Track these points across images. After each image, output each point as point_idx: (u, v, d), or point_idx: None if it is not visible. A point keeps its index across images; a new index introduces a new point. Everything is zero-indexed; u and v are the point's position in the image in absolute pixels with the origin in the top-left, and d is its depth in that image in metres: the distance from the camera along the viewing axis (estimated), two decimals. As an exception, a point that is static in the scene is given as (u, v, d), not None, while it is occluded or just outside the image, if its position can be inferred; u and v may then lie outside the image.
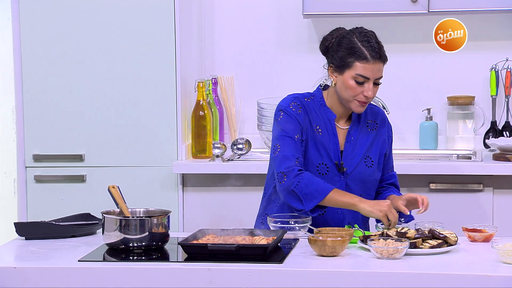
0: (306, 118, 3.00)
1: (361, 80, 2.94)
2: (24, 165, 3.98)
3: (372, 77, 2.94)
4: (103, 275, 2.50)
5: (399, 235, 2.67)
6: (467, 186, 3.78)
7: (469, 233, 2.79)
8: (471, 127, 4.23)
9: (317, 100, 3.04)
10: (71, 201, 3.92)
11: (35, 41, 3.93)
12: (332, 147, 3.00)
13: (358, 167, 3.01)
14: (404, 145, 4.28)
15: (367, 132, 3.07)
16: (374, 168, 3.04)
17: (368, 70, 2.93)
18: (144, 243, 2.66)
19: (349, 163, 3.01)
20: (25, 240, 2.88)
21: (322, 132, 3.00)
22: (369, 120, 3.10)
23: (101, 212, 2.73)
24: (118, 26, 3.90)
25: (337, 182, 2.98)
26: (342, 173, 3.00)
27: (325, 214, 2.96)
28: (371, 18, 4.22)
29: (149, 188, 3.87)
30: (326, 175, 2.98)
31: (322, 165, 2.98)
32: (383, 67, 2.98)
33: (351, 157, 3.02)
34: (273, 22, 4.36)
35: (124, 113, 3.91)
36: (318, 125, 3.01)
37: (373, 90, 2.95)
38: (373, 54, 2.93)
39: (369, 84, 2.94)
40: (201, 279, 2.46)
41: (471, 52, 4.22)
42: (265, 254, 2.55)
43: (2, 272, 2.52)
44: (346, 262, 2.54)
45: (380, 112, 3.15)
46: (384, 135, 3.12)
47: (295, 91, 4.26)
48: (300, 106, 3.01)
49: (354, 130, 3.05)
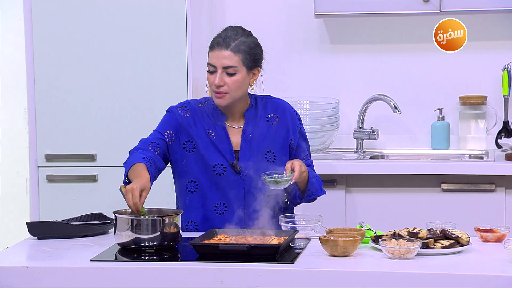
0: (198, 122, 3.04)
1: (211, 69, 2.99)
2: (36, 165, 3.99)
3: (218, 64, 2.97)
4: (115, 275, 2.51)
5: (411, 235, 2.66)
6: (479, 186, 3.77)
7: (481, 233, 2.79)
8: (483, 127, 4.21)
9: (210, 104, 3.08)
10: (83, 200, 3.93)
11: (47, 42, 3.94)
12: (226, 148, 3.02)
13: (258, 164, 3.01)
14: (416, 145, 4.28)
15: (266, 127, 3.08)
16: (276, 163, 3.04)
17: (213, 57, 2.98)
18: (156, 243, 2.66)
19: (246, 162, 3.02)
20: (37, 239, 2.89)
21: (215, 135, 3.03)
22: (269, 115, 3.10)
23: (113, 212, 2.74)
24: (129, 26, 3.91)
25: (235, 182, 3.00)
26: (238, 172, 3.01)
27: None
28: (382, 18, 4.22)
29: (161, 188, 3.88)
30: (223, 175, 3.00)
31: (219, 165, 3.01)
32: (234, 57, 2.97)
33: (249, 155, 3.03)
34: (284, 22, 4.36)
35: (136, 113, 3.92)
36: (211, 128, 3.04)
37: (225, 80, 2.96)
38: (218, 41, 2.99)
39: (217, 73, 2.96)
40: (213, 279, 2.46)
41: (483, 52, 4.21)
42: (277, 254, 2.55)
43: (15, 272, 2.53)
44: (357, 262, 2.54)
45: (280, 104, 3.15)
46: (287, 125, 3.10)
47: (306, 91, 4.31)
48: (189, 110, 3.06)
49: (249, 127, 3.06)
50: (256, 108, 3.10)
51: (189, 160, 3.03)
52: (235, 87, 2.97)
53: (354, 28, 4.30)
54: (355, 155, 4.18)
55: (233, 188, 3.00)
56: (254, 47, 3.02)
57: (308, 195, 3.06)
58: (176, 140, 3.04)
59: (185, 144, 3.04)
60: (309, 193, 3.05)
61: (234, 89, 2.98)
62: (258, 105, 3.11)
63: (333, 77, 4.34)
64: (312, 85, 4.35)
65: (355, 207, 3.85)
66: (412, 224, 2.93)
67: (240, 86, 2.99)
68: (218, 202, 3.01)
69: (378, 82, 4.31)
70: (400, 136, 4.31)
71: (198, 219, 3.03)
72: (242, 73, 2.98)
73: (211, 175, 3.01)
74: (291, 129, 3.10)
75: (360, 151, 4.24)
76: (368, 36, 4.31)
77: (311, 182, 3.05)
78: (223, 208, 3.01)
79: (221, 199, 3.01)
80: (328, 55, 4.35)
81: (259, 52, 3.05)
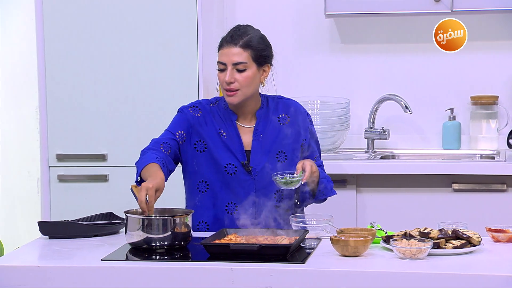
0: (209, 122, 3.04)
1: (221, 67, 2.99)
2: (48, 165, 4.00)
3: (228, 61, 2.97)
4: (125, 274, 2.51)
5: (422, 235, 2.66)
6: (490, 186, 3.76)
7: (492, 233, 2.78)
8: (494, 127, 4.20)
9: (221, 104, 3.08)
10: (94, 200, 3.94)
11: (58, 42, 3.95)
12: (237, 148, 3.02)
13: (269, 163, 3.01)
14: (427, 145, 4.27)
15: (278, 127, 3.08)
16: (288, 163, 3.04)
17: (223, 55, 2.98)
18: (167, 242, 2.66)
19: (257, 161, 3.02)
20: (48, 239, 2.90)
21: (226, 135, 3.03)
22: (280, 115, 3.10)
23: (124, 212, 2.74)
24: (140, 26, 3.92)
25: (246, 181, 3.00)
26: (249, 172, 3.00)
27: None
28: (393, 18, 4.22)
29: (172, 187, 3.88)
30: (234, 175, 3.00)
31: (230, 165, 3.01)
32: (243, 53, 2.97)
33: (260, 155, 3.03)
34: (294, 22, 4.36)
35: (146, 113, 3.93)
36: (222, 128, 3.04)
37: (236, 76, 2.97)
38: (227, 39, 3.00)
39: (228, 70, 2.97)
40: (223, 279, 2.46)
41: (495, 52, 4.19)
42: (287, 254, 2.55)
43: (26, 271, 2.54)
44: (368, 262, 2.53)
45: (292, 104, 3.14)
46: (298, 126, 3.10)
47: (317, 91, 4.31)
48: (200, 110, 3.07)
49: (261, 127, 3.06)
50: (267, 108, 3.10)
51: (200, 160, 3.04)
52: (246, 84, 2.98)
53: (365, 27, 4.30)
54: (365, 155, 4.18)
55: (244, 188, 3.00)
56: (263, 43, 3.03)
57: (318, 195, 3.06)
58: (187, 140, 3.04)
59: (196, 144, 3.04)
60: (319, 193, 3.05)
61: (245, 86, 2.98)
62: (269, 105, 3.11)
63: (344, 77, 4.34)
64: (322, 85, 4.34)
65: (366, 207, 3.85)
66: (423, 224, 2.92)
67: (251, 83, 2.99)
68: (229, 202, 3.02)
69: (389, 82, 4.30)
70: (411, 136, 4.30)
71: (209, 219, 3.04)
72: (252, 69, 2.99)
73: (222, 175, 3.01)
74: (302, 129, 3.10)
75: (371, 151, 4.23)
76: (378, 36, 4.31)
77: (322, 182, 3.04)
78: (234, 208, 3.01)
79: (232, 199, 3.02)
80: (338, 55, 4.35)
81: (268, 49, 3.06)
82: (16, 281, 2.52)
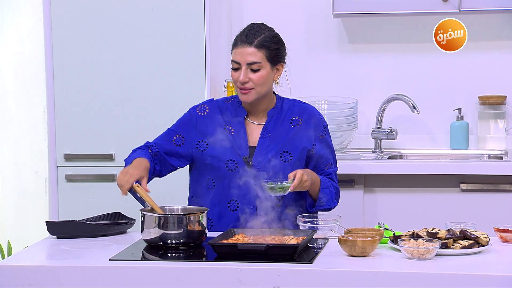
0: (215, 119, 3.07)
1: (235, 66, 3.01)
2: (56, 165, 4.01)
3: (242, 61, 2.99)
4: (133, 274, 2.52)
5: (430, 236, 2.65)
6: (498, 186, 3.76)
7: (501, 233, 2.77)
8: (502, 127, 4.19)
9: (235, 101, 3.12)
10: (101, 200, 3.94)
11: (66, 42, 3.96)
12: (241, 143, 3.04)
13: (272, 161, 3.02)
14: (435, 145, 4.26)
15: (289, 128, 3.09)
16: (292, 164, 3.04)
17: (237, 54, 3.01)
18: (182, 240, 2.69)
19: (261, 158, 3.02)
20: (56, 239, 2.90)
21: (234, 130, 3.06)
22: (294, 117, 3.11)
23: (140, 210, 2.77)
24: (148, 26, 3.92)
25: (247, 178, 3.00)
26: (250, 167, 3.01)
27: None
28: (401, 18, 4.21)
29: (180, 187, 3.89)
30: (235, 171, 3.01)
31: (230, 161, 3.03)
32: (258, 53, 3.00)
33: (265, 152, 3.03)
34: (302, 22, 4.36)
35: (154, 112, 3.93)
36: (231, 125, 3.07)
37: (250, 76, 2.99)
38: (241, 38, 3.02)
39: (242, 69, 2.98)
40: (231, 279, 2.46)
41: (503, 52, 4.19)
42: (295, 254, 2.55)
43: (34, 271, 2.54)
44: (376, 263, 2.53)
45: (308, 109, 3.15)
46: (309, 131, 3.10)
47: (324, 91, 4.31)
48: (208, 108, 3.11)
49: (270, 126, 3.08)
50: (281, 109, 3.11)
51: (203, 159, 3.06)
52: (260, 83, 3.00)
53: (373, 27, 4.30)
54: (373, 155, 4.18)
55: (245, 184, 3.00)
56: (277, 42, 3.06)
57: (318, 205, 3.06)
58: (187, 142, 3.07)
59: (198, 145, 3.07)
60: (319, 203, 3.05)
61: (259, 85, 3.00)
62: (283, 106, 3.11)
63: (351, 77, 4.34)
64: (330, 85, 4.34)
65: (374, 207, 3.85)
66: (431, 224, 2.92)
67: (265, 82, 3.01)
68: (231, 199, 3.02)
69: (396, 82, 4.30)
70: (419, 136, 4.30)
71: (214, 216, 3.05)
72: (266, 68, 3.01)
73: (223, 172, 3.02)
74: (313, 135, 3.10)
75: (379, 151, 4.23)
76: (386, 36, 4.30)
77: (323, 192, 3.04)
78: (235, 205, 3.02)
79: (234, 196, 3.02)
80: (346, 55, 4.35)
81: (282, 48, 3.08)
82: (24, 280, 2.53)
